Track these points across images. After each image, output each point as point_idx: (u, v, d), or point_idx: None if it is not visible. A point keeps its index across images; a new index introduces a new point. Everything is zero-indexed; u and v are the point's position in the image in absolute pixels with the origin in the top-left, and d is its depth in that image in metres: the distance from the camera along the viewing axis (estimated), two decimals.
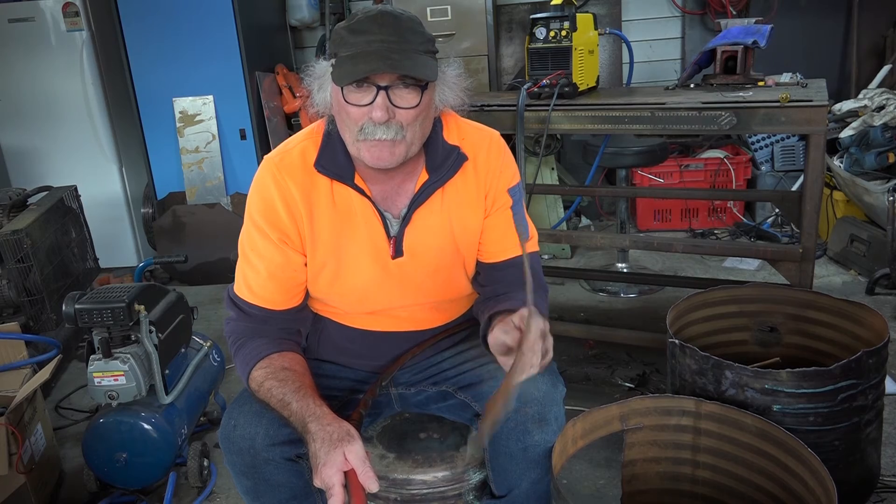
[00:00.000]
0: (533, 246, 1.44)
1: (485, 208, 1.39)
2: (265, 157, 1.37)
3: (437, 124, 1.35)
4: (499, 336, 1.19)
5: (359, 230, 1.35)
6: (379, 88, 1.19)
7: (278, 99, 4.23)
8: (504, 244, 1.40)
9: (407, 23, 1.21)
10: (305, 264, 1.37)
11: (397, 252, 1.36)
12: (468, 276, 1.43)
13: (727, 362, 1.64)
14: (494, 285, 1.41)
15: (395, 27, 1.19)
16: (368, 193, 1.34)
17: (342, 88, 1.21)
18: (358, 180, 1.33)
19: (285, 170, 1.32)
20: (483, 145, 1.38)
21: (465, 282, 1.44)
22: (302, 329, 1.46)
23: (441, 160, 1.34)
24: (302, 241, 1.34)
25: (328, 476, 1.12)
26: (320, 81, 1.27)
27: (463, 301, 1.48)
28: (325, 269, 1.36)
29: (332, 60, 1.23)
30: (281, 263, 1.34)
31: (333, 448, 1.14)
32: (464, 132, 1.38)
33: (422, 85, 1.21)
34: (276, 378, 1.29)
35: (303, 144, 1.35)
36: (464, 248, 1.39)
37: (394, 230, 1.36)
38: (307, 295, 1.42)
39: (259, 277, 1.34)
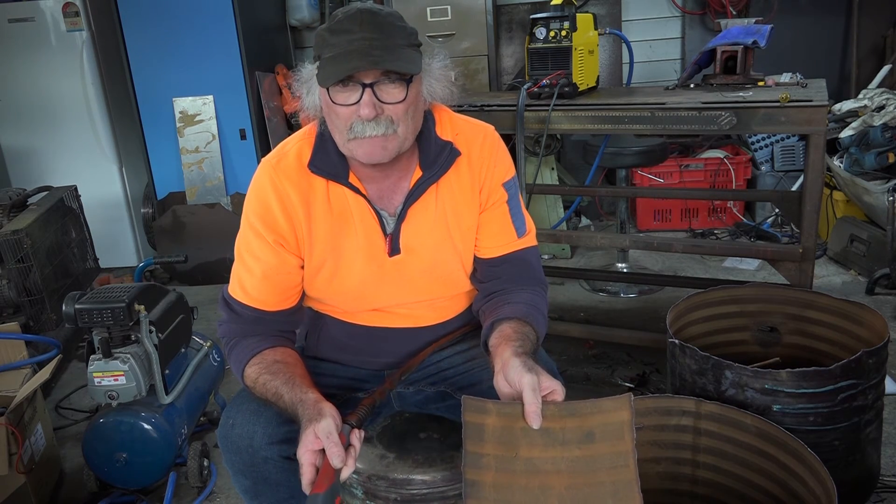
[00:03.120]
0: (531, 240, 1.44)
1: (480, 203, 1.38)
2: (263, 159, 1.37)
3: (430, 120, 1.35)
4: (501, 387, 1.18)
5: (355, 229, 1.35)
6: (364, 86, 1.19)
7: (278, 99, 4.23)
8: (501, 239, 1.40)
9: (387, 18, 1.22)
10: (302, 266, 1.37)
11: (394, 249, 1.36)
12: (466, 273, 1.43)
13: (727, 362, 1.63)
14: (493, 281, 1.40)
15: (375, 23, 1.20)
16: (364, 192, 1.34)
17: (328, 90, 1.21)
18: (353, 179, 1.33)
19: (283, 173, 1.33)
20: (477, 140, 1.38)
21: (463, 278, 1.43)
22: (295, 330, 1.46)
23: (434, 156, 1.34)
24: (298, 243, 1.35)
25: (298, 455, 1.12)
26: (308, 85, 1.28)
27: (462, 297, 1.48)
28: (322, 270, 1.37)
29: (317, 63, 1.23)
30: (276, 266, 1.34)
31: (305, 429, 1.13)
32: (457, 127, 1.38)
33: (406, 79, 1.22)
34: (269, 372, 1.29)
35: (298, 146, 1.36)
36: (460, 244, 1.39)
37: (390, 228, 1.36)
38: (301, 297, 1.42)
39: (253, 279, 1.35)
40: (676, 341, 1.76)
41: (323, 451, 1.11)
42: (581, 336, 2.73)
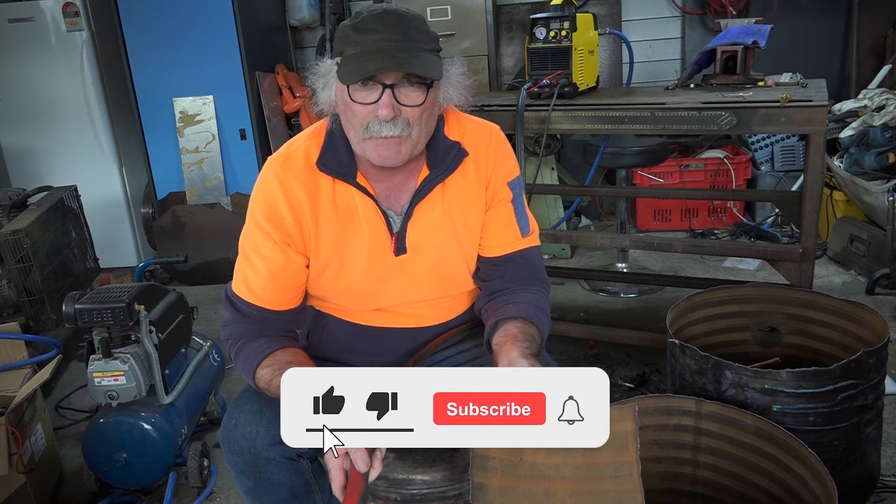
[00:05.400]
0: (534, 240, 1.44)
1: (486, 201, 1.39)
2: (269, 157, 1.37)
3: (439, 120, 1.36)
4: None
5: (361, 229, 1.35)
6: (385, 86, 1.19)
7: (278, 99, 4.23)
8: (505, 238, 1.40)
9: (412, 21, 1.22)
10: (307, 266, 1.37)
11: (400, 248, 1.36)
12: (470, 272, 1.43)
13: (727, 362, 1.64)
14: (496, 280, 1.41)
15: (401, 25, 1.20)
16: (371, 191, 1.34)
17: (348, 87, 1.21)
18: (360, 178, 1.34)
19: (290, 171, 1.33)
20: (483, 139, 1.39)
21: (467, 277, 1.44)
22: (299, 330, 1.46)
23: (442, 156, 1.35)
24: (304, 242, 1.35)
25: (325, 460, 1.11)
26: (325, 80, 1.28)
27: (464, 297, 1.48)
28: (327, 269, 1.37)
29: (338, 59, 1.23)
30: (282, 264, 1.34)
31: None
32: (464, 127, 1.39)
33: (427, 83, 1.22)
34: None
35: (306, 144, 1.36)
36: (466, 242, 1.39)
37: (396, 227, 1.36)
38: (305, 297, 1.42)
39: (259, 277, 1.34)
40: (676, 341, 1.76)
41: (348, 454, 1.10)
42: (581, 336, 2.74)
